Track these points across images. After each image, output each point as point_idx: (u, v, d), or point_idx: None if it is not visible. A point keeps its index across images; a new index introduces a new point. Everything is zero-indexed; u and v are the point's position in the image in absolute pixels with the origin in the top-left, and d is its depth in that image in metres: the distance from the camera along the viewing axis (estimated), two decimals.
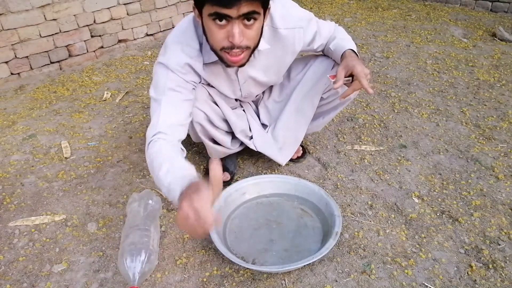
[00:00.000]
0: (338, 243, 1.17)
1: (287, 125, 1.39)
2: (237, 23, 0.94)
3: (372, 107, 1.91)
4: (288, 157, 1.45)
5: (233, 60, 1.01)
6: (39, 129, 1.85)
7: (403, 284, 1.04)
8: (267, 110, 1.44)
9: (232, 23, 0.94)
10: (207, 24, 0.97)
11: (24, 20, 2.29)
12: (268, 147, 1.39)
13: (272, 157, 1.41)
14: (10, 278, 1.10)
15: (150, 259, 1.04)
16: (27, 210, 1.35)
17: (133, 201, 1.22)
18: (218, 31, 0.96)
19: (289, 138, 1.41)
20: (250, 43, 1.00)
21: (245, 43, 0.98)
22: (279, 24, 1.14)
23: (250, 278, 1.08)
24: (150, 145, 0.99)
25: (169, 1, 2.96)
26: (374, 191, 1.37)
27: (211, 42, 1.01)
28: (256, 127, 1.40)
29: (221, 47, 0.99)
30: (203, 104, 1.20)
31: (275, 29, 1.14)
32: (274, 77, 1.30)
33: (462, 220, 1.23)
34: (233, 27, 0.94)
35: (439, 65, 2.33)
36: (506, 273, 1.06)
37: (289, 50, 1.21)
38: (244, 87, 1.26)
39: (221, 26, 0.95)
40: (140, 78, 2.39)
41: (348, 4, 3.74)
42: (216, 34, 0.97)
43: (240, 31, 0.95)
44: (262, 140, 1.39)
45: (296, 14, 1.17)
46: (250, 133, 1.38)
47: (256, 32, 1.00)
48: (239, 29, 0.94)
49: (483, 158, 1.51)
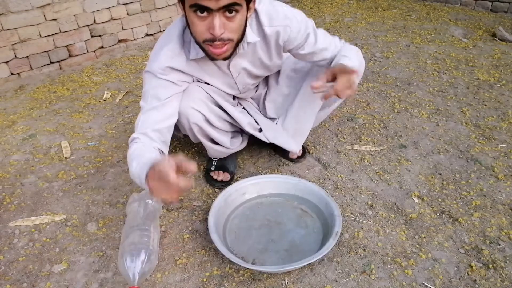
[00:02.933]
0: (338, 243, 1.17)
1: (298, 116, 1.38)
2: (217, 15, 0.94)
3: (372, 107, 1.91)
4: (301, 143, 1.44)
5: (215, 52, 1.02)
6: (39, 129, 1.85)
7: (403, 284, 1.04)
8: (275, 103, 1.44)
9: (213, 15, 0.94)
10: (189, 17, 0.98)
11: (24, 20, 2.29)
12: (280, 136, 1.39)
13: (285, 145, 1.40)
14: (10, 278, 1.10)
15: (150, 259, 1.04)
16: (27, 210, 1.35)
17: (133, 201, 1.22)
18: (200, 23, 0.97)
19: (299, 129, 1.41)
20: (233, 36, 1.01)
21: (227, 36, 0.99)
22: (265, 22, 1.13)
23: (250, 278, 1.08)
24: (128, 150, 1.05)
25: (169, 1, 2.96)
26: (374, 191, 1.37)
27: (194, 35, 1.02)
28: (262, 119, 1.40)
29: (203, 39, 1.00)
30: (201, 104, 1.20)
31: (260, 26, 1.14)
32: (266, 70, 1.29)
33: (462, 220, 1.23)
34: (214, 19, 0.94)
35: (439, 65, 2.33)
36: (506, 273, 1.06)
37: (273, 48, 1.20)
38: (239, 80, 1.26)
39: (202, 18, 0.96)
40: (140, 78, 2.39)
41: (348, 4, 3.74)
42: (197, 26, 0.98)
43: (221, 23, 0.96)
44: (273, 131, 1.39)
45: (283, 12, 1.14)
46: (258, 126, 1.38)
47: (238, 25, 1.00)
48: (220, 21, 0.95)
49: (483, 158, 1.51)
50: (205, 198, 1.38)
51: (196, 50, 1.09)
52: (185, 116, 1.19)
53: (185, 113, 1.18)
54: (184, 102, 1.17)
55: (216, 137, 1.30)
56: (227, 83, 1.26)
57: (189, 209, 1.33)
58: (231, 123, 1.34)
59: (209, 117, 1.23)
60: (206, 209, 1.31)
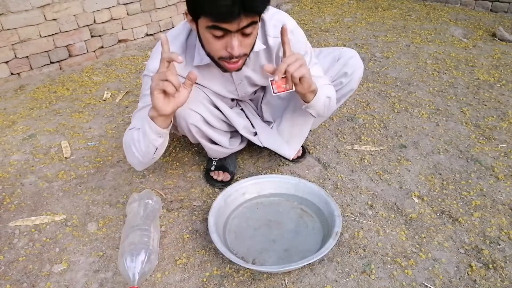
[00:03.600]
0: (338, 243, 1.17)
1: (293, 120, 1.38)
2: (236, 36, 0.94)
3: (372, 107, 1.91)
4: (295, 150, 1.43)
5: (231, 68, 1.04)
6: (39, 129, 1.85)
7: (403, 284, 1.04)
8: (271, 106, 1.43)
9: (231, 35, 0.94)
10: (204, 34, 0.98)
11: (24, 20, 2.29)
12: (274, 141, 1.39)
13: (279, 151, 1.40)
14: (10, 278, 1.10)
15: (150, 259, 1.04)
16: (27, 210, 1.35)
17: (133, 201, 1.22)
18: (216, 42, 0.97)
19: (295, 133, 1.40)
20: (247, 50, 1.03)
21: (243, 51, 1.00)
22: (270, 32, 1.15)
23: (250, 278, 1.08)
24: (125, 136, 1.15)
25: (169, 1, 2.96)
26: (374, 191, 1.37)
27: (208, 51, 1.02)
28: (259, 123, 1.40)
29: (219, 57, 1.01)
30: (199, 105, 1.20)
31: (265, 35, 1.16)
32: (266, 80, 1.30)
33: (462, 220, 1.23)
34: (232, 40, 0.95)
35: (439, 65, 2.33)
36: (506, 273, 1.06)
37: (274, 60, 1.22)
38: (240, 87, 1.27)
39: (219, 37, 0.95)
40: (140, 78, 2.39)
41: (348, 4, 3.74)
42: (213, 45, 0.98)
43: (239, 43, 0.96)
44: (267, 135, 1.38)
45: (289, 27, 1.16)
46: (254, 130, 1.38)
47: (252, 40, 1.02)
48: (238, 41, 0.95)
49: (483, 158, 1.51)
50: (205, 198, 1.38)
51: (201, 56, 1.10)
52: (182, 118, 1.19)
53: (183, 114, 1.18)
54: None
55: (215, 138, 1.29)
56: (227, 89, 1.26)
57: (189, 209, 1.33)
58: (229, 124, 1.34)
59: (207, 117, 1.22)
60: (206, 209, 1.31)
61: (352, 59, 1.36)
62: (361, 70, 1.38)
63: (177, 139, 1.71)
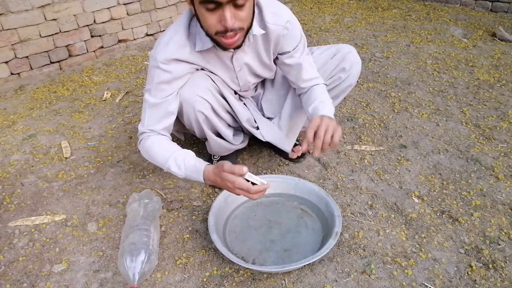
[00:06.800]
0: (338, 243, 1.17)
1: (291, 115, 1.40)
2: (227, 7, 0.97)
3: (372, 107, 1.91)
4: (292, 143, 1.46)
5: (228, 43, 1.05)
6: (39, 129, 1.86)
7: (403, 284, 1.04)
8: (271, 103, 1.45)
9: (223, 7, 0.96)
10: (199, 11, 1.01)
11: (24, 20, 2.29)
12: (275, 136, 1.40)
13: (280, 145, 1.42)
14: (10, 278, 1.10)
15: (150, 259, 1.04)
16: (27, 210, 1.35)
17: (133, 201, 1.22)
18: (210, 16, 0.99)
19: (292, 126, 1.43)
20: (243, 24, 1.03)
21: (238, 25, 1.01)
22: (269, 19, 1.16)
23: (250, 278, 1.08)
24: (143, 141, 1.18)
25: (169, 1, 2.96)
26: (374, 191, 1.37)
27: (205, 28, 1.04)
28: (260, 118, 1.41)
29: (215, 32, 1.02)
30: (207, 93, 1.20)
31: (263, 22, 1.16)
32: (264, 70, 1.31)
33: (462, 220, 1.23)
34: (224, 11, 0.97)
35: (439, 65, 2.33)
36: (506, 273, 1.06)
37: (272, 46, 1.23)
38: (240, 75, 1.28)
39: (212, 11, 0.98)
40: (140, 78, 2.39)
41: (348, 4, 3.74)
42: (208, 20, 1.00)
43: (232, 14, 0.98)
44: (269, 130, 1.40)
45: (286, 17, 1.19)
46: (256, 124, 1.39)
47: (247, 13, 1.02)
48: (230, 12, 0.97)
49: (483, 158, 1.51)
50: (205, 198, 1.38)
51: (202, 41, 1.12)
52: (190, 104, 1.19)
53: (191, 100, 1.18)
54: (190, 90, 1.18)
55: (221, 129, 1.30)
56: (229, 77, 1.27)
57: (189, 209, 1.33)
58: (233, 118, 1.34)
59: (215, 105, 1.23)
60: (206, 209, 1.31)
61: (350, 54, 1.36)
62: (359, 65, 1.38)
63: (177, 139, 1.71)
